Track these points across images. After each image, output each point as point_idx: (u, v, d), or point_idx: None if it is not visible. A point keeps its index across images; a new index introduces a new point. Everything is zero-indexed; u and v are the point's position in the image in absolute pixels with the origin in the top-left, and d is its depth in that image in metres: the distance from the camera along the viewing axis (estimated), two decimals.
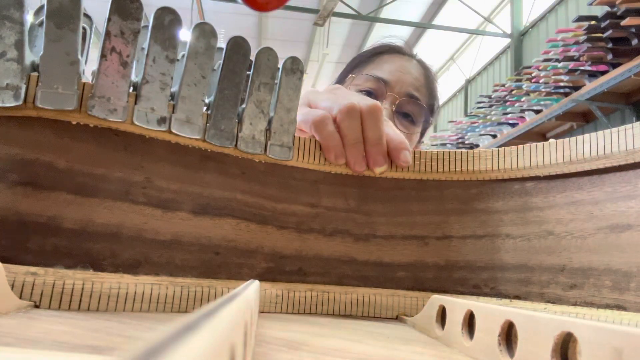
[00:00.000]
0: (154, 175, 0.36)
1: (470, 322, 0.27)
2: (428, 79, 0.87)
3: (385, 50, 0.89)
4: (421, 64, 0.89)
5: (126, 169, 0.36)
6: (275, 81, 0.39)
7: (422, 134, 0.89)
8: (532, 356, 0.20)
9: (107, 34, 0.33)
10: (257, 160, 0.40)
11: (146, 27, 0.35)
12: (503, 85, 3.60)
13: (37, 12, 0.36)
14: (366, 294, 0.43)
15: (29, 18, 0.33)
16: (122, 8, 0.33)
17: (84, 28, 0.34)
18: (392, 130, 0.45)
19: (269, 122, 0.40)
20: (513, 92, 3.42)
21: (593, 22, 2.56)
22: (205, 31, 0.36)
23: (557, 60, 2.87)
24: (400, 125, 0.80)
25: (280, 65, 0.40)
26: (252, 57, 0.38)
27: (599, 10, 2.61)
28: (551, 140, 0.39)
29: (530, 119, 3.27)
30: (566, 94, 2.94)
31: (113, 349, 0.20)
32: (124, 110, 0.34)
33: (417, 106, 0.81)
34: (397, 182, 0.45)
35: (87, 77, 0.35)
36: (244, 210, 0.40)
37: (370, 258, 0.44)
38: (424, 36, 6.29)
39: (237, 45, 0.37)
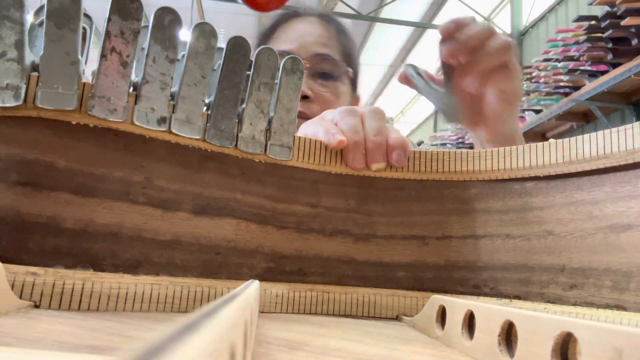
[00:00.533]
0: (154, 175, 0.36)
1: (470, 322, 0.27)
2: (335, 30, 0.83)
3: (281, 20, 0.85)
4: (324, 17, 0.84)
5: (126, 169, 0.36)
6: (275, 81, 0.39)
7: (354, 86, 0.86)
8: (532, 356, 0.20)
9: (107, 34, 0.33)
10: (257, 160, 0.40)
11: (146, 27, 0.35)
12: None
13: (37, 12, 0.36)
14: (366, 294, 0.43)
15: (29, 18, 0.33)
16: (122, 8, 0.33)
17: (84, 28, 0.34)
18: (393, 131, 0.45)
19: (269, 122, 0.40)
20: None
21: (593, 22, 2.56)
22: (205, 31, 0.36)
23: (557, 60, 2.86)
24: (322, 87, 0.77)
25: (280, 65, 0.40)
26: (252, 57, 0.38)
27: (599, 10, 2.61)
28: (551, 140, 0.39)
29: (530, 119, 3.27)
30: (566, 94, 2.94)
31: (113, 349, 0.20)
32: (124, 110, 0.34)
33: (328, 61, 0.78)
34: (397, 182, 0.45)
35: (87, 77, 0.35)
36: (244, 210, 0.40)
37: (370, 258, 0.44)
38: (424, 36, 6.29)
39: (237, 45, 0.37)
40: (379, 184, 0.44)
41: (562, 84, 2.92)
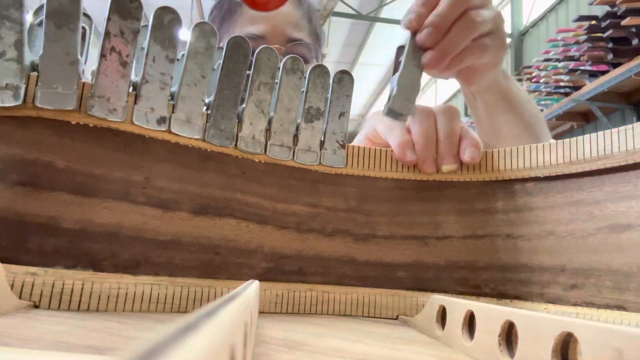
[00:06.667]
0: (153, 175, 0.36)
1: (470, 322, 0.27)
2: (303, 7, 0.78)
3: None
4: None
5: (126, 169, 0.36)
6: (276, 81, 0.39)
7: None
8: (533, 356, 0.20)
9: (107, 33, 0.33)
10: (257, 160, 0.40)
11: (146, 26, 0.35)
12: None
13: (37, 11, 0.36)
14: (366, 294, 0.42)
15: (29, 18, 0.33)
16: (122, 8, 0.33)
17: (83, 28, 0.34)
18: (466, 131, 0.44)
19: (269, 122, 0.40)
20: None
21: (593, 22, 2.56)
22: (205, 31, 0.36)
23: (558, 60, 2.87)
24: None
25: (280, 65, 0.40)
26: (252, 57, 0.38)
27: (600, 10, 2.62)
28: (551, 140, 0.39)
29: None
30: (566, 94, 2.94)
31: (113, 349, 0.20)
32: (123, 110, 0.34)
33: (304, 47, 0.74)
34: (397, 182, 0.45)
35: (87, 77, 0.35)
36: (244, 210, 0.40)
37: (370, 258, 0.44)
38: None
39: (237, 45, 0.37)
40: (379, 184, 0.44)
41: (562, 84, 2.92)
